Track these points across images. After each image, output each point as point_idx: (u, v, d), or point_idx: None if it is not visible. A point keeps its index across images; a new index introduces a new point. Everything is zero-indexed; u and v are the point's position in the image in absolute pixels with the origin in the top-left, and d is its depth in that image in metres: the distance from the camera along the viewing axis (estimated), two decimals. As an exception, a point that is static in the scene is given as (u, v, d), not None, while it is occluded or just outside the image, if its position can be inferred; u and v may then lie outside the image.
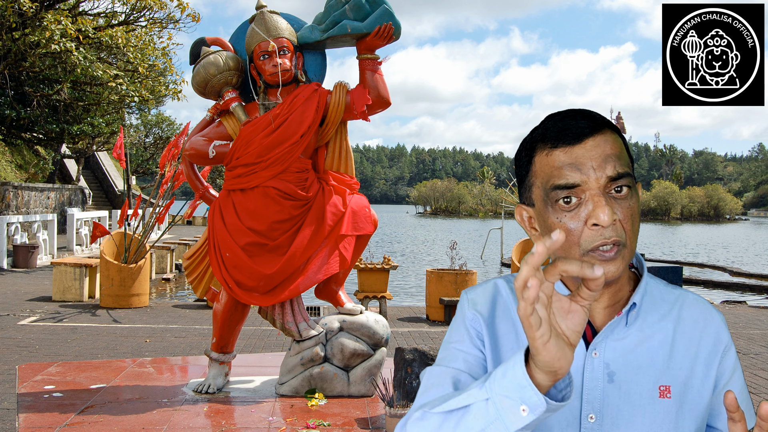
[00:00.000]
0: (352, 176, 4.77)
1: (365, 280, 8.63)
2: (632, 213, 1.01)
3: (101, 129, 22.74)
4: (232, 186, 4.52)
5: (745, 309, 10.12)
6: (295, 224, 4.48)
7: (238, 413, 4.29)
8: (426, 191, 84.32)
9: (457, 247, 9.18)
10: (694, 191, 78.28)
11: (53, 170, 24.77)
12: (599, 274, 0.78)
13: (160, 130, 33.77)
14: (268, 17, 4.50)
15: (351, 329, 4.71)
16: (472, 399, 0.86)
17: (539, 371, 0.82)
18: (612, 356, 1.05)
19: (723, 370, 1.08)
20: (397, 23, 4.38)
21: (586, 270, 0.78)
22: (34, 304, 8.86)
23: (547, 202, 1.03)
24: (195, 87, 4.60)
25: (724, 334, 1.09)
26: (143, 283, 8.92)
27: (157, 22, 16.69)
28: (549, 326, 0.80)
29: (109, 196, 29.65)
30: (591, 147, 1.00)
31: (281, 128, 4.39)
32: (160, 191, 9.72)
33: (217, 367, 4.74)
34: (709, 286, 14.50)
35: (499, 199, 33.79)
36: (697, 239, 36.98)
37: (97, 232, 9.18)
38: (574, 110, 1.06)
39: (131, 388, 4.76)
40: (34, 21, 13.75)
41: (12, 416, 4.14)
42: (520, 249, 10.41)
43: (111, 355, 5.98)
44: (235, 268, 4.42)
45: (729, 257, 24.15)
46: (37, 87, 20.46)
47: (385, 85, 4.52)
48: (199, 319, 7.98)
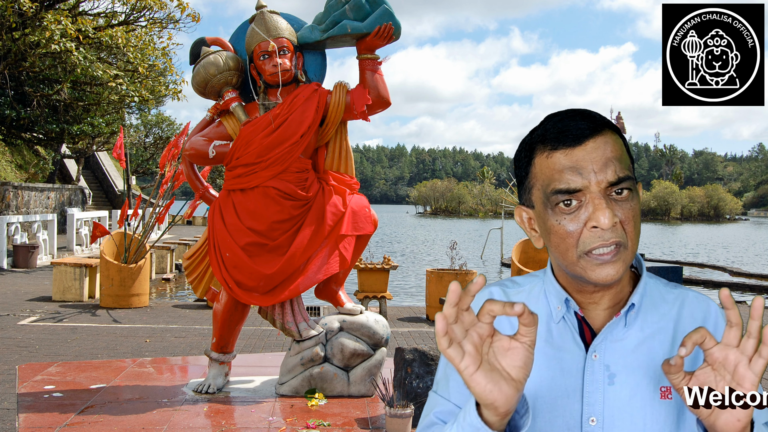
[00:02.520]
0: (352, 176, 4.77)
1: (365, 280, 8.63)
2: (633, 214, 1.01)
3: (101, 129, 22.74)
4: (232, 186, 4.52)
5: (745, 309, 10.11)
6: (295, 224, 4.48)
7: (238, 413, 4.29)
8: (426, 191, 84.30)
9: (457, 247, 9.18)
10: (694, 191, 78.27)
11: (53, 170, 24.77)
12: (519, 311, 0.81)
13: (160, 130, 33.76)
14: (268, 17, 4.50)
15: (351, 329, 4.71)
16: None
17: (483, 408, 0.87)
18: (612, 358, 1.04)
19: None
20: (397, 23, 4.38)
21: (507, 309, 0.81)
22: (34, 304, 8.86)
23: (547, 205, 1.03)
24: (195, 87, 4.60)
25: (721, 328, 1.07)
26: (143, 283, 8.92)
27: (157, 22, 16.69)
28: (474, 359, 0.84)
29: (109, 196, 29.64)
30: (591, 149, 1.00)
31: (281, 128, 4.39)
32: (160, 191, 9.71)
33: (217, 367, 4.74)
34: (709, 286, 14.50)
35: (499, 200, 33.78)
36: (697, 239, 36.97)
37: (97, 232, 9.18)
38: (573, 110, 1.05)
39: (131, 388, 4.76)
40: (34, 21, 13.75)
41: (12, 416, 4.14)
42: (520, 249, 10.41)
43: (111, 355, 5.98)
44: (235, 268, 4.42)
45: (729, 257, 24.14)
46: (37, 87, 20.46)
47: (385, 85, 4.52)
48: (199, 319, 7.98)
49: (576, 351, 1.07)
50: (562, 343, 1.08)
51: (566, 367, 1.06)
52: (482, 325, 0.85)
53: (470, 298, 0.83)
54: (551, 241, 1.04)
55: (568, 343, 1.08)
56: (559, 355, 1.07)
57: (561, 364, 1.06)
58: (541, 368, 1.07)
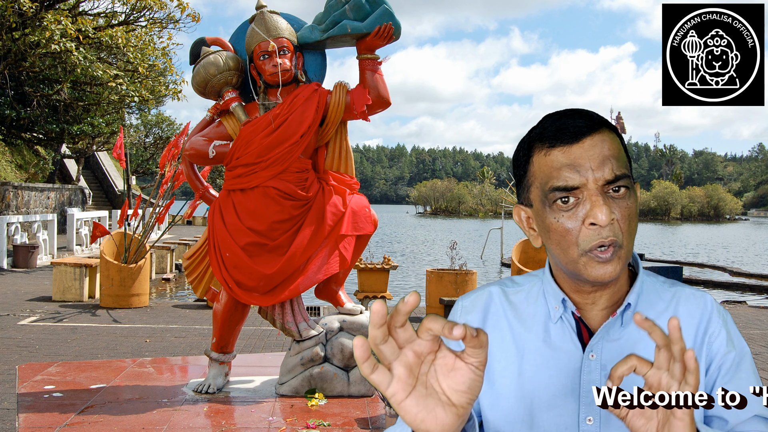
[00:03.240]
0: (352, 176, 4.77)
1: (365, 280, 8.63)
2: (630, 213, 1.01)
3: (101, 129, 22.75)
4: (232, 186, 4.52)
5: (745, 309, 10.11)
6: (295, 224, 4.48)
7: (238, 413, 4.29)
8: (426, 191, 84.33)
9: (457, 247, 9.18)
10: (694, 191, 78.28)
11: (53, 170, 24.77)
12: (458, 334, 0.71)
13: (160, 130, 33.77)
14: (268, 17, 4.50)
15: (351, 329, 4.71)
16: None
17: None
18: (609, 357, 1.05)
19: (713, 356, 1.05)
20: (397, 23, 4.38)
21: (446, 330, 0.71)
22: (34, 304, 8.86)
23: (545, 203, 1.03)
24: (195, 87, 4.59)
25: (714, 322, 1.08)
26: (143, 283, 8.92)
27: (157, 22, 16.69)
28: (404, 384, 0.74)
29: (109, 196, 29.64)
30: (589, 147, 1.00)
31: (281, 128, 4.39)
32: (160, 191, 9.71)
33: (217, 367, 4.74)
34: (709, 286, 14.50)
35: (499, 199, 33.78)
36: (697, 239, 36.96)
37: (97, 232, 9.18)
38: (571, 110, 1.05)
39: (131, 388, 4.76)
40: (34, 21, 13.75)
41: (12, 416, 4.14)
42: (520, 249, 10.41)
43: (111, 355, 5.98)
44: (235, 268, 4.42)
45: (729, 257, 24.14)
46: (37, 87, 20.47)
47: (385, 85, 4.51)
48: (199, 319, 7.98)
49: (573, 351, 1.07)
50: (559, 343, 1.08)
51: (563, 366, 1.06)
52: (421, 342, 0.74)
53: (403, 316, 0.72)
54: (550, 239, 1.04)
55: (565, 343, 1.08)
56: (557, 354, 1.07)
57: (558, 363, 1.07)
58: (539, 368, 1.08)
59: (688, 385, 0.79)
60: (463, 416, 0.76)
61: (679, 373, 0.80)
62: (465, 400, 0.75)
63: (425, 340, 0.74)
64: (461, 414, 0.76)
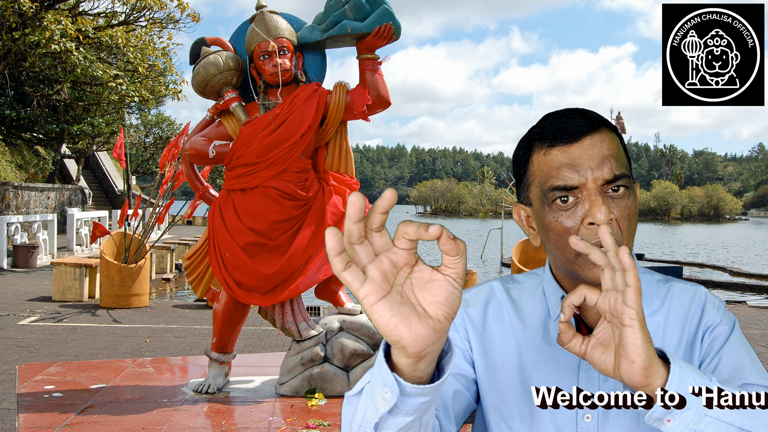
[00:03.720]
0: (352, 176, 4.77)
1: (365, 280, 8.62)
2: (629, 213, 1.01)
3: (101, 129, 22.76)
4: (232, 186, 4.52)
5: (745, 309, 10.11)
6: (295, 224, 4.48)
7: (238, 413, 4.29)
8: (426, 191, 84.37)
9: (457, 247, 9.15)
10: (694, 191, 78.31)
11: (53, 170, 24.77)
12: (433, 232, 0.67)
13: (160, 130, 33.77)
14: (268, 17, 4.50)
15: (351, 329, 4.71)
16: (364, 382, 0.86)
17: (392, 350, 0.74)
18: None
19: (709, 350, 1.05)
20: (397, 23, 4.38)
21: (421, 230, 0.67)
22: (34, 304, 8.86)
23: (545, 202, 1.03)
24: (195, 87, 4.60)
25: (708, 315, 1.07)
26: (143, 283, 8.92)
27: (157, 22, 16.71)
28: (378, 287, 0.68)
29: (109, 196, 29.64)
30: (588, 146, 1.00)
31: (281, 128, 4.39)
32: (160, 191, 9.71)
33: (217, 367, 4.74)
34: (709, 286, 14.50)
35: (499, 199, 33.79)
36: (697, 239, 36.97)
37: (97, 232, 9.18)
38: (571, 109, 1.05)
39: (131, 388, 4.76)
40: (34, 21, 13.76)
41: (12, 416, 4.14)
42: (520, 249, 10.40)
43: (111, 355, 5.98)
44: (235, 268, 4.43)
45: (729, 257, 24.14)
46: (37, 87, 20.47)
47: (385, 85, 4.52)
48: (199, 319, 7.98)
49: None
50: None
51: (562, 364, 1.07)
52: (397, 251, 0.70)
53: (379, 216, 0.69)
54: (549, 238, 1.05)
55: None
56: (555, 352, 1.08)
57: (557, 361, 1.07)
58: (538, 365, 1.08)
59: (629, 287, 0.80)
60: (439, 332, 0.71)
61: (620, 282, 0.82)
62: (442, 313, 0.70)
63: (402, 248, 0.70)
64: (438, 329, 0.71)
